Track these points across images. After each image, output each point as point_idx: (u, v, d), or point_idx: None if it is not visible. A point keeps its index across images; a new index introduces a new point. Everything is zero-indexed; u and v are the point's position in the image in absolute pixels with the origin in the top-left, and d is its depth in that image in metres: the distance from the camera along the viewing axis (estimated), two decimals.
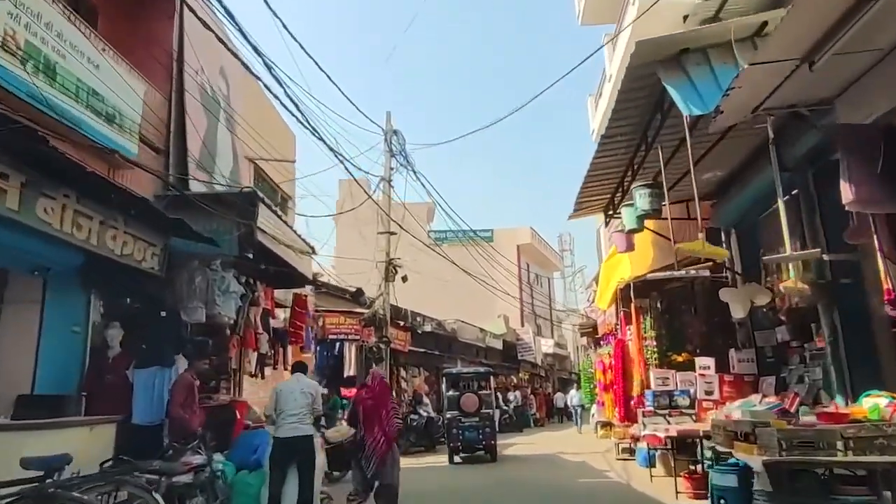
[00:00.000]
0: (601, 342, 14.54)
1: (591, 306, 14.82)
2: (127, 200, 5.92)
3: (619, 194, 9.33)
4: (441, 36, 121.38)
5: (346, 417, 10.10)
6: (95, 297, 6.60)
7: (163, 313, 7.03)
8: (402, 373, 18.41)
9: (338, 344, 15.34)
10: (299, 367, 7.34)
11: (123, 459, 5.12)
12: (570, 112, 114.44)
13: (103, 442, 5.87)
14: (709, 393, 8.94)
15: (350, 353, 15.12)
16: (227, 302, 7.64)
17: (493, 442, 13.28)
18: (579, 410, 22.26)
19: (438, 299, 28.27)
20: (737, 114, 5.55)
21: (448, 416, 13.57)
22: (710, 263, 9.65)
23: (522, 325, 36.39)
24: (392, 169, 15.29)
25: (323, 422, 11.05)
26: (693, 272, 9.46)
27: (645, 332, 10.10)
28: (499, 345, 29.15)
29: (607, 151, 7.99)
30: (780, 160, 6.13)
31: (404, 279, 15.11)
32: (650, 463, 10.21)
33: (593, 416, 22.70)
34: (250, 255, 7.80)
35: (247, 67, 8.29)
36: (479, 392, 14.17)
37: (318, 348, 15.38)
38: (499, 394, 21.89)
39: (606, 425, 19.02)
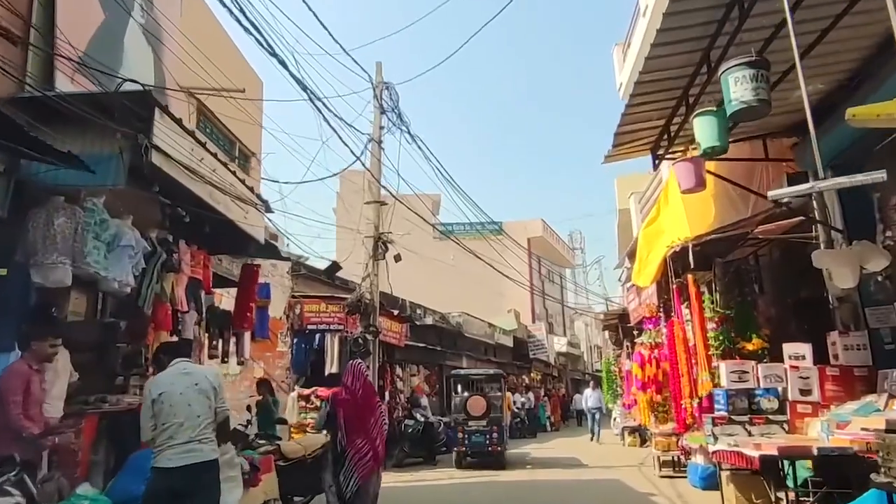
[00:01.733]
0: (635, 331, 12.04)
1: (627, 286, 12.29)
2: None
3: (672, 127, 6.84)
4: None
5: (322, 421, 7.71)
6: None
7: (1, 272, 4.64)
8: (398, 371, 15.95)
9: (318, 336, 12.94)
10: (176, 350, 4.73)
11: None
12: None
13: None
14: (805, 392, 6.43)
15: (332, 347, 12.71)
16: (117, 261, 5.22)
17: (501, 448, 12.32)
18: (596, 415, 18.28)
19: (443, 294, 25.81)
20: None
21: (455, 420, 12.81)
22: (798, 219, 7.16)
23: (534, 321, 33.89)
24: (382, 128, 12.86)
25: (277, 431, 8.74)
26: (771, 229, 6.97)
27: (706, 313, 7.60)
28: (509, 342, 26.65)
29: (660, 58, 5.50)
30: None
31: (397, 258, 12.66)
32: (711, 485, 7.78)
33: (615, 420, 20.27)
34: (156, 190, 5.41)
35: None
36: (488, 394, 13.18)
37: (294, 341, 13.00)
38: (509, 395, 19.46)
39: (635, 431, 16.54)
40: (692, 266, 7.23)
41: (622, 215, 20.24)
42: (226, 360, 8.73)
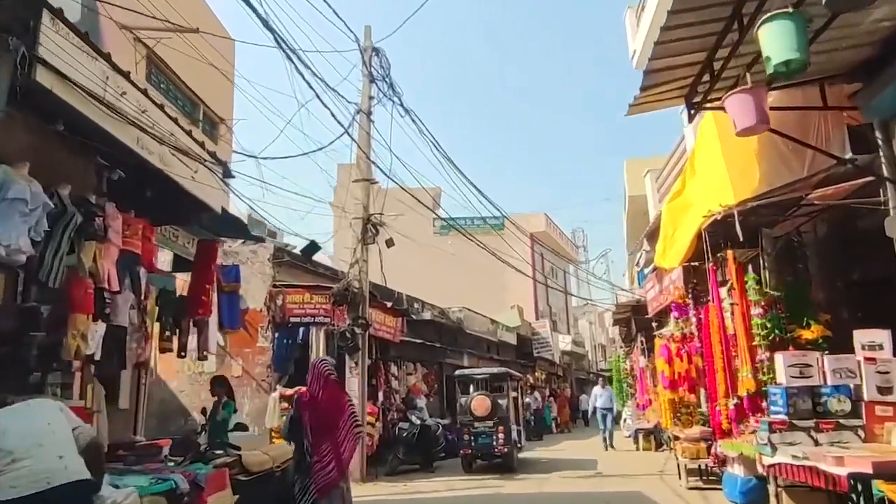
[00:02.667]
0: (654, 323, 10.76)
1: (647, 272, 10.98)
2: None
3: (716, 64, 5.56)
4: None
5: (287, 427, 6.51)
6: None
7: None
8: (393, 369, 14.68)
9: (302, 329, 11.69)
10: None
11: None
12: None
13: None
14: (885, 390, 5.15)
15: (318, 341, 11.45)
16: (2, 219, 3.97)
17: (508, 449, 11.73)
18: (608, 417, 15.74)
19: (443, 290, 24.52)
20: None
21: (460, 421, 12.38)
22: (865, 180, 5.89)
23: (537, 318, 32.60)
24: (372, 98, 11.60)
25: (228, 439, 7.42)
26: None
27: (750, 296, 6.31)
28: (512, 339, 25.37)
29: None
30: None
31: (389, 243, 11.40)
32: (755, 500, 6.52)
33: (625, 421, 19.01)
34: (60, 128, 4.16)
35: None
36: (493, 394, 12.54)
37: (276, 335, 11.75)
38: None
39: (649, 434, 15.26)
40: (739, 238, 5.94)
41: (633, 203, 18.95)
42: (182, 354, 7.42)
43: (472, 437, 11.77)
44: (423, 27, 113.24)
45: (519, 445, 12.87)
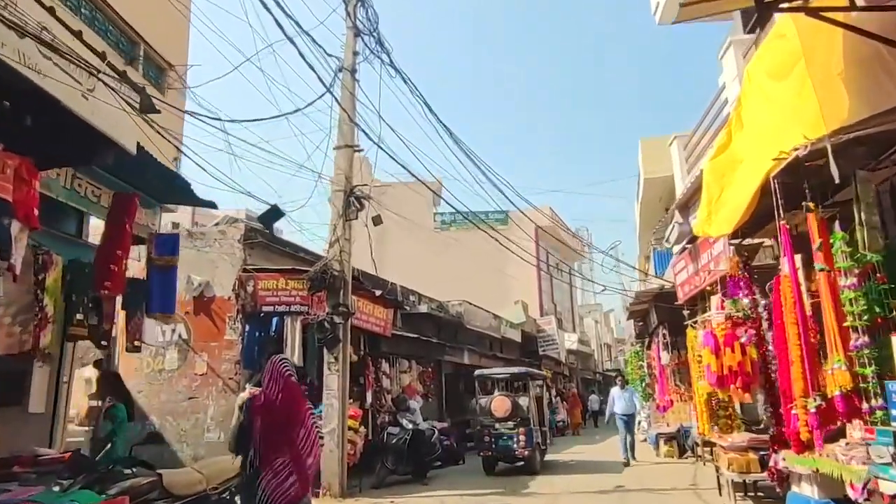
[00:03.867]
0: (685, 310, 9.13)
1: (681, 252, 9.36)
2: None
3: None
4: None
5: (234, 436, 5.13)
6: None
7: None
8: (385, 366, 13.10)
9: (275, 320, 10.13)
10: None
11: None
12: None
13: None
14: None
15: (293, 334, 9.89)
16: None
17: (530, 452, 11.42)
18: (630, 424, 13.14)
19: (443, 285, 22.91)
20: None
21: (480, 422, 12.17)
22: None
23: (542, 315, 30.98)
24: (356, 54, 10.04)
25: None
26: None
27: (839, 263, 4.72)
28: (517, 336, 23.77)
29: None
30: None
31: (377, 220, 9.84)
32: None
33: (640, 424, 17.43)
34: None
35: None
36: (514, 394, 12.41)
37: (246, 327, 10.19)
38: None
39: (671, 439, 13.65)
40: (835, 180, 4.34)
41: (649, 186, 17.33)
42: (104, 343, 5.86)
43: (493, 439, 11.47)
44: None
45: (542, 448, 12.45)
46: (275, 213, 7.57)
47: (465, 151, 12.11)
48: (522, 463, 11.58)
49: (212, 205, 6.86)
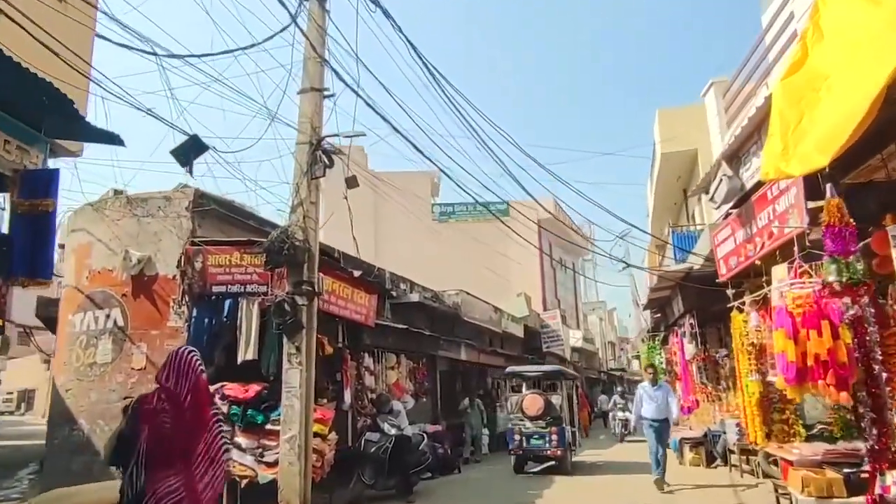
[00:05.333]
0: (729, 288, 7.35)
1: (723, 218, 7.54)
2: None
3: None
4: None
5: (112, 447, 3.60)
6: None
7: None
8: (368, 361, 11.34)
9: (228, 303, 8.39)
10: None
11: None
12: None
13: None
14: None
15: (250, 319, 8.16)
16: None
17: (562, 452, 11.29)
18: (662, 432, 9.52)
19: (440, 279, 21.12)
20: None
21: (510, 421, 12.03)
22: None
23: (545, 309, 29.21)
24: None
25: None
26: None
27: None
28: (519, 331, 21.98)
29: None
30: None
31: (351, 182, 8.05)
32: None
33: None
34: None
35: None
36: (546, 392, 12.35)
37: (194, 312, 8.45)
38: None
39: (698, 445, 11.88)
40: None
41: (667, 161, 15.58)
42: None
43: (524, 438, 11.31)
44: None
45: (573, 448, 12.20)
46: (194, 145, 5.77)
47: (454, 103, 10.31)
48: (553, 463, 11.39)
49: (116, 140, 5.11)
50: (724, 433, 10.63)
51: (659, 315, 15.53)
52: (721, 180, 7.24)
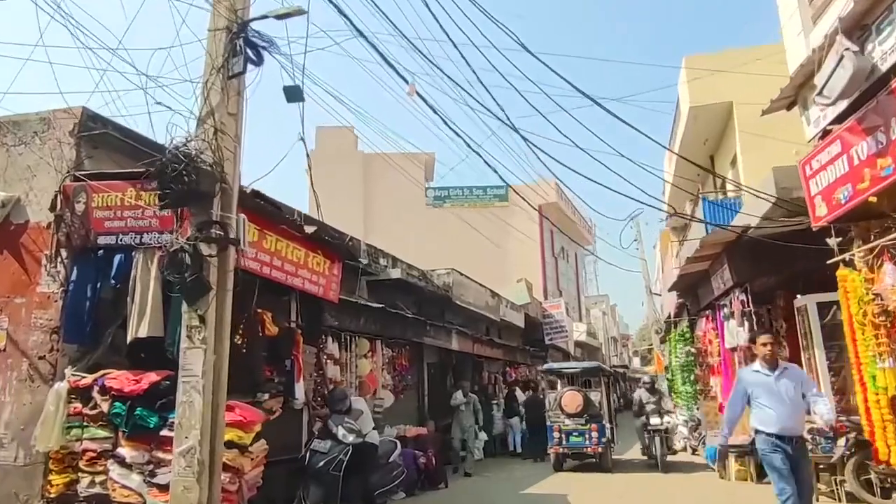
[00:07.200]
0: (834, 243, 5.04)
1: (826, 133, 5.17)
2: None
3: None
4: None
5: None
6: None
7: None
8: (332, 346, 8.98)
9: (119, 258, 6.01)
10: None
11: None
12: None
13: None
14: None
15: (146, 280, 5.80)
16: None
17: (602, 448, 11.18)
18: (800, 458, 4.79)
19: (436, 264, 18.75)
20: None
21: (549, 417, 11.80)
22: None
23: (546, 297, 26.85)
24: None
25: None
26: None
27: None
28: (519, 320, 19.52)
29: None
30: None
31: (292, 94, 5.67)
32: None
33: (677, 427, 13.60)
34: None
35: None
36: (585, 389, 12.31)
37: (73, 272, 6.09)
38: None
39: (744, 455, 9.57)
40: None
41: (698, 117, 13.24)
42: None
43: (563, 436, 11.39)
44: None
45: (612, 445, 12.19)
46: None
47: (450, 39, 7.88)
48: (594, 460, 11.43)
49: None
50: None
51: (681, 300, 13.19)
52: (842, 58, 4.74)
